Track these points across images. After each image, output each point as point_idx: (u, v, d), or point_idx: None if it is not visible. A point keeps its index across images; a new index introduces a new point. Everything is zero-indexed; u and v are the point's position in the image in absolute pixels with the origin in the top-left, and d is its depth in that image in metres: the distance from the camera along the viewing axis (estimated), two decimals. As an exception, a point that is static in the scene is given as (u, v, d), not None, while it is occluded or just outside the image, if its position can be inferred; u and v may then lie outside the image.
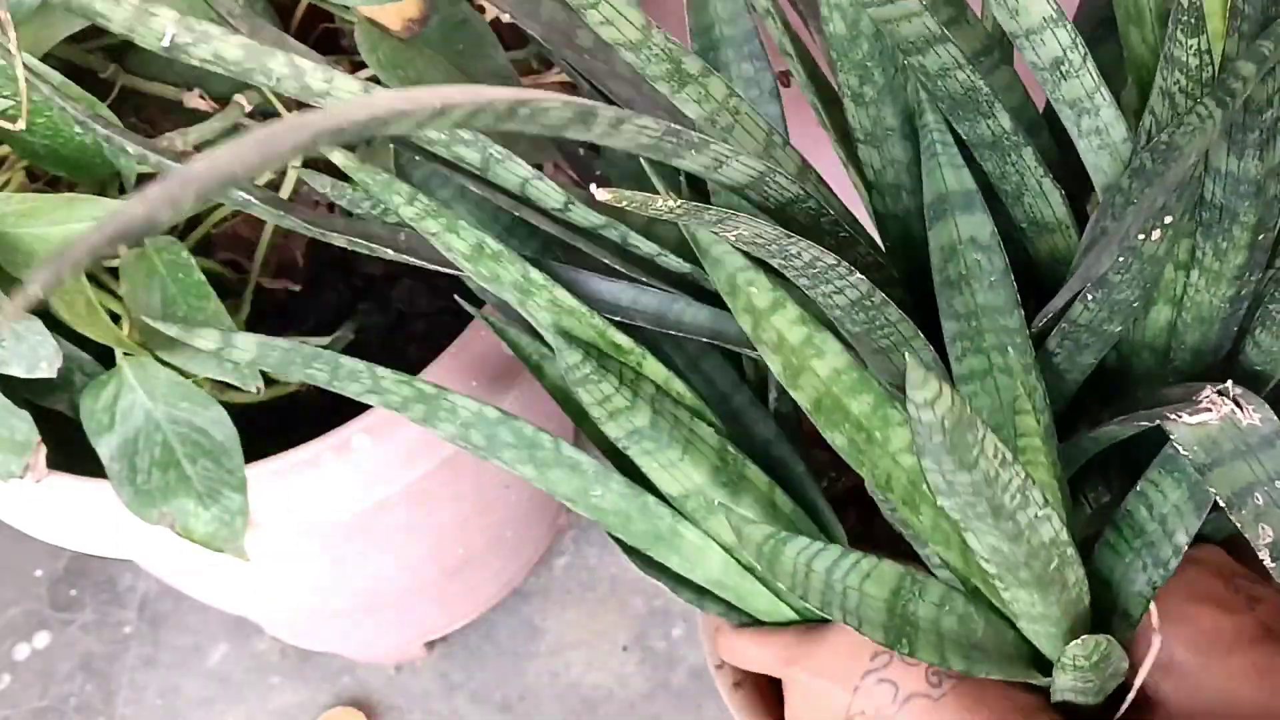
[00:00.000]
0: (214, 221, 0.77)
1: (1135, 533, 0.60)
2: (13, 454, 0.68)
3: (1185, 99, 0.51)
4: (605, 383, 0.62)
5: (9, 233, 0.65)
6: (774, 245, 0.51)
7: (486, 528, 0.96)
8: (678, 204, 0.47)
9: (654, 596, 1.08)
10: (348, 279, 0.85)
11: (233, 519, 0.71)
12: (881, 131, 0.61)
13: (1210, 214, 0.55)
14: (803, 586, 0.59)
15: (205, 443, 0.70)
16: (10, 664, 1.11)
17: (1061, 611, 0.57)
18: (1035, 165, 0.58)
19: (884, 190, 0.63)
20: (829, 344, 0.59)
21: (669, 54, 0.53)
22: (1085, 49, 0.52)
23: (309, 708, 1.07)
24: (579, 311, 0.63)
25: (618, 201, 0.45)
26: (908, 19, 0.52)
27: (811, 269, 0.53)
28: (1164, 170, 0.51)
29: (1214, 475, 0.53)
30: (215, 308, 0.70)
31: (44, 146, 0.67)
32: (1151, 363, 0.62)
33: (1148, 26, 0.55)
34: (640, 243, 0.61)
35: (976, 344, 0.59)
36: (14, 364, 0.65)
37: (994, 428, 0.59)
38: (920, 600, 0.60)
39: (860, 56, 0.59)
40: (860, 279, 0.54)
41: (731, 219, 0.49)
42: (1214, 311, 0.58)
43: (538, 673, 1.06)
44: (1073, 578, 0.56)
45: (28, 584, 1.15)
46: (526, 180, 0.59)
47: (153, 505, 0.70)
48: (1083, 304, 0.57)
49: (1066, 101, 0.54)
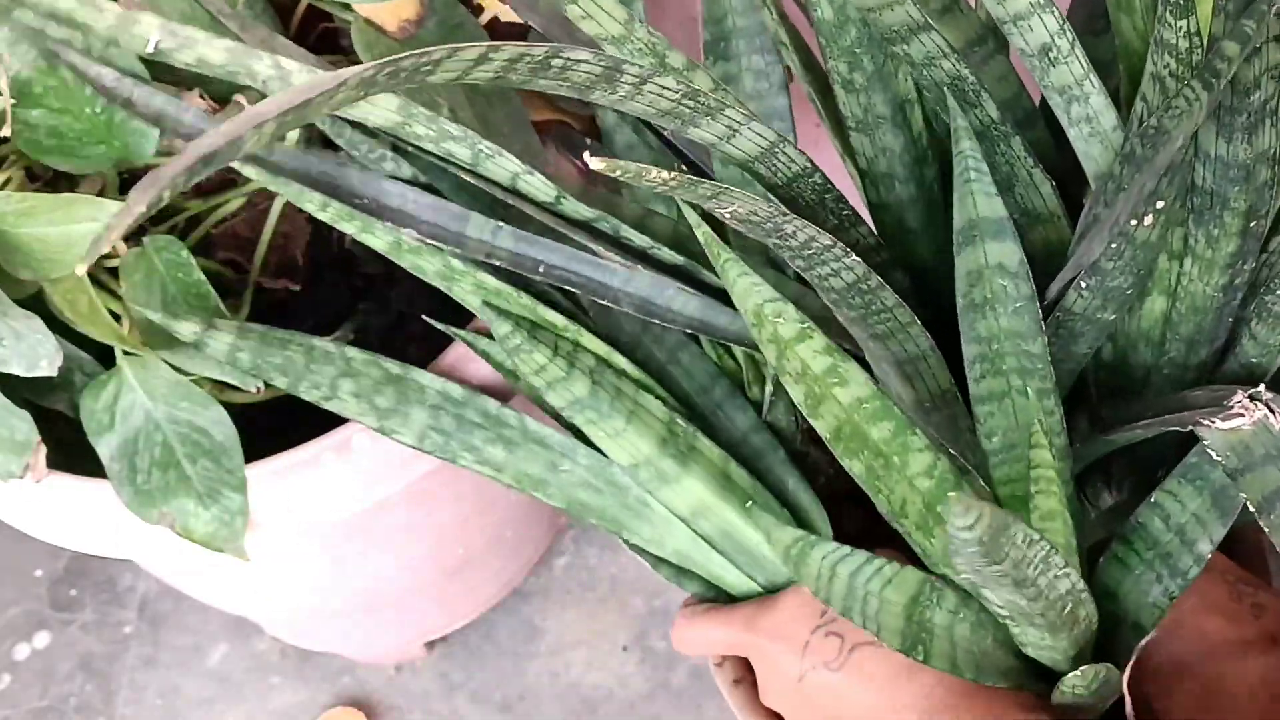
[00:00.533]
0: (214, 221, 0.77)
1: (1148, 545, 0.60)
2: (13, 454, 0.68)
3: (1175, 82, 0.51)
4: (538, 353, 0.65)
5: (8, 232, 0.65)
6: (769, 224, 0.51)
7: (486, 528, 0.96)
8: (672, 175, 0.47)
9: (654, 596, 1.08)
10: (348, 279, 0.85)
11: (233, 519, 0.71)
12: (873, 119, 0.61)
13: (1201, 200, 0.55)
14: (826, 590, 0.59)
15: (205, 443, 0.70)
16: (10, 664, 1.11)
17: (1069, 643, 0.58)
18: (1024, 155, 0.57)
19: (876, 179, 0.63)
20: (853, 373, 0.59)
21: (652, 48, 0.53)
22: (1073, 35, 0.52)
23: (309, 708, 1.07)
24: (505, 292, 0.65)
25: (611, 171, 0.45)
26: (890, 7, 0.52)
27: (807, 249, 0.53)
28: (1153, 155, 0.51)
29: (1245, 480, 0.52)
30: (215, 307, 0.70)
31: (49, 128, 0.67)
32: (1147, 354, 0.62)
33: (1138, 14, 0.55)
34: (633, 235, 0.61)
35: (996, 366, 0.59)
36: (14, 363, 0.65)
37: (1008, 447, 0.59)
38: (938, 608, 0.60)
39: (849, 43, 0.59)
40: (856, 261, 0.54)
41: (727, 194, 0.49)
42: (1208, 301, 0.58)
43: (538, 673, 1.06)
44: (1084, 614, 0.56)
45: (28, 584, 1.15)
46: (517, 175, 0.59)
47: (153, 505, 0.70)
48: (1077, 292, 0.57)
49: (1056, 89, 0.54)
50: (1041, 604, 0.53)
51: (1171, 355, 0.61)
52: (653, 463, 0.65)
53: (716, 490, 0.65)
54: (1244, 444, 0.52)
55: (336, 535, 0.82)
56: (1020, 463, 0.59)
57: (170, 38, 0.43)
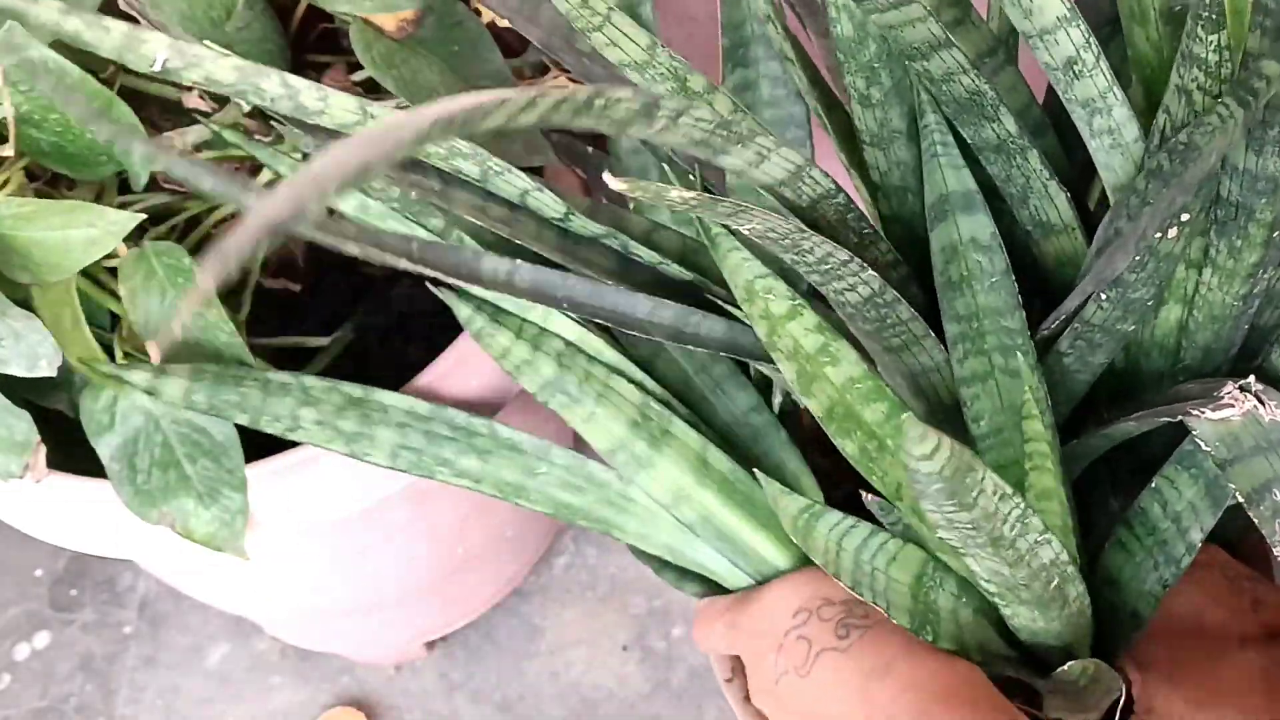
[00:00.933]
0: (213, 222, 0.77)
1: (1147, 530, 0.60)
2: (13, 454, 0.68)
3: (1204, 96, 0.51)
4: (501, 335, 0.65)
5: (6, 235, 0.65)
6: (787, 240, 0.51)
7: (486, 528, 0.96)
8: (691, 195, 0.47)
9: (654, 596, 1.08)
10: (348, 279, 0.85)
11: (233, 519, 0.71)
12: (888, 133, 0.61)
13: (1225, 211, 0.54)
14: (834, 564, 0.59)
15: (205, 442, 0.70)
16: (10, 664, 1.11)
17: (1062, 625, 0.57)
18: (1041, 168, 0.57)
19: (890, 193, 0.63)
20: (844, 352, 0.59)
21: (674, 72, 0.54)
22: (1099, 48, 0.52)
23: (309, 708, 1.07)
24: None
25: (631, 191, 0.45)
26: (911, 24, 0.52)
27: (824, 265, 0.53)
28: (1182, 170, 0.51)
29: (1234, 471, 0.52)
30: (215, 310, 0.70)
31: (51, 144, 0.67)
32: (1161, 362, 0.62)
33: (1151, 24, 0.55)
34: (641, 251, 0.61)
35: (978, 345, 0.59)
36: (14, 363, 0.65)
37: (995, 430, 0.59)
38: (941, 590, 0.60)
39: (868, 59, 0.59)
40: (872, 275, 0.54)
41: (745, 212, 0.49)
42: (1226, 310, 0.58)
43: (538, 672, 1.06)
44: (1073, 593, 0.56)
45: (28, 584, 1.15)
46: (526, 191, 0.59)
47: (153, 505, 0.70)
48: (1096, 304, 0.57)
49: (1079, 101, 0.54)
50: (1025, 572, 0.53)
51: (1187, 363, 0.61)
52: (627, 446, 0.66)
53: (694, 474, 0.66)
54: (1233, 435, 0.53)
55: (336, 535, 0.82)
56: (1009, 447, 0.59)
57: (178, 56, 0.43)
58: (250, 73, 0.45)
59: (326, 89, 0.47)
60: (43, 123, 0.66)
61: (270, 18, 0.75)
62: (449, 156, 0.58)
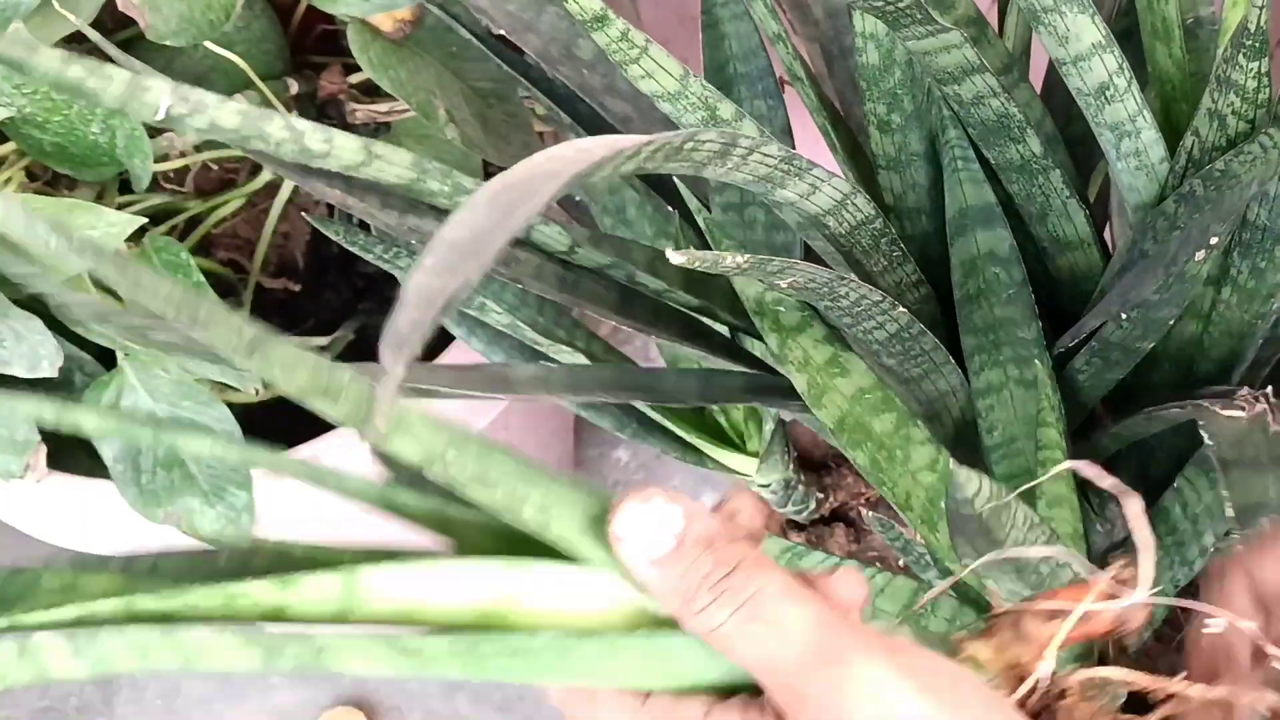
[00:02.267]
0: (214, 221, 0.77)
1: (1168, 530, 0.60)
2: (13, 454, 0.68)
3: (1238, 121, 0.51)
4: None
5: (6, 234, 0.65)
6: (824, 288, 0.52)
7: (486, 527, 0.96)
8: (745, 259, 0.48)
9: (653, 595, 1.08)
10: (348, 279, 0.85)
11: (239, 515, 0.71)
12: (906, 157, 0.62)
13: (1251, 234, 0.55)
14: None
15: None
16: (10, 665, 1.11)
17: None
18: (1062, 187, 0.58)
19: (904, 214, 0.64)
20: (854, 363, 0.59)
21: (704, 101, 0.54)
22: (1130, 74, 0.52)
23: (309, 708, 1.07)
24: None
25: (691, 263, 0.46)
26: (946, 50, 0.53)
27: (856, 307, 0.54)
28: (1217, 197, 0.51)
29: (1233, 476, 0.53)
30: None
31: (53, 144, 0.67)
32: (1172, 375, 0.62)
33: (1175, 43, 0.55)
34: (647, 280, 0.62)
35: (994, 357, 0.59)
36: (15, 364, 0.65)
37: (1008, 440, 0.59)
38: (932, 616, 0.61)
39: (892, 85, 0.59)
40: (902, 312, 0.54)
41: (790, 269, 0.50)
42: (1243, 327, 0.58)
43: (537, 672, 1.06)
44: None
45: (27, 585, 1.15)
46: (531, 226, 0.59)
47: (158, 504, 0.70)
48: (1115, 323, 0.57)
49: (1108, 125, 0.54)
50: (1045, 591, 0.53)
51: (1199, 376, 0.61)
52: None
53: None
54: (1239, 439, 0.53)
55: (337, 534, 0.82)
56: (1020, 457, 0.59)
57: (181, 103, 0.42)
58: (254, 117, 0.45)
59: (331, 130, 0.47)
60: (45, 123, 0.67)
61: (270, 18, 0.76)
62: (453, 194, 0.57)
